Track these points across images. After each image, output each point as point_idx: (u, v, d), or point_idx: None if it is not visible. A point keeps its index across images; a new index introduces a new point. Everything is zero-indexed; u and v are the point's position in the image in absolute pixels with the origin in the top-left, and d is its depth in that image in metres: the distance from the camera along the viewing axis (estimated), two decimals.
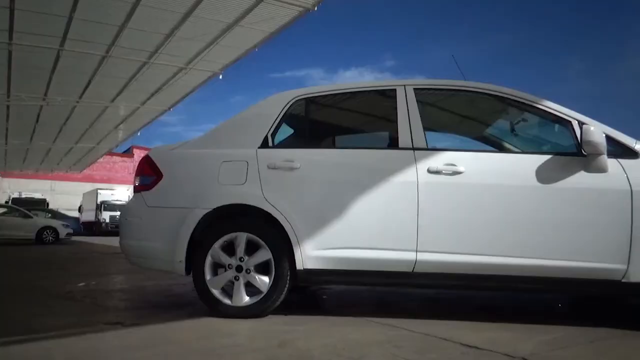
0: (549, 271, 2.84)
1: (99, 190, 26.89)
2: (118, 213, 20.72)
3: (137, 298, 4.25)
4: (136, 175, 3.53)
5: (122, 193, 27.47)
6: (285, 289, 3.09)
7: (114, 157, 34.58)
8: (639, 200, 2.75)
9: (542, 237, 2.86)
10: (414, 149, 3.09)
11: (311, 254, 3.04)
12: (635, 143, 2.92)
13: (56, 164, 24.18)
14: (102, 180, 33.44)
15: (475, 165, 3.01)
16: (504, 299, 4.05)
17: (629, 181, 2.79)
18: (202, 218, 3.17)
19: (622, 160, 2.86)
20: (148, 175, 3.42)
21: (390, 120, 3.29)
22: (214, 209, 3.18)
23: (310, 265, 3.04)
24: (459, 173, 2.97)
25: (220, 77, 10.88)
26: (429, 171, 3.00)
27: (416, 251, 2.94)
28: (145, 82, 11.35)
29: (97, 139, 18.15)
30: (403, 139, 3.14)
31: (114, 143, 19.78)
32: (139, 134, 17.37)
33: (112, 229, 22.56)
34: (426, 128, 3.18)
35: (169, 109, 13.78)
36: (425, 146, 3.10)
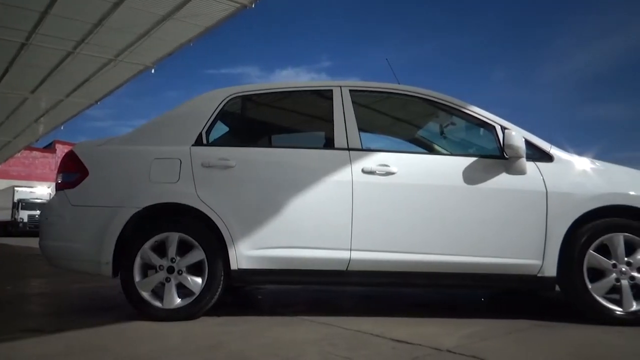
0: (474, 268, 3.00)
1: (16, 188, 25.11)
2: (38, 212, 19.49)
3: (59, 303, 4.00)
4: (59, 172, 3.33)
5: (42, 191, 25.86)
6: (219, 289, 3.04)
7: (34, 152, 32.30)
8: (553, 201, 2.98)
9: (467, 235, 3.02)
10: (349, 149, 3.15)
11: (246, 253, 3.01)
12: (551, 147, 3.16)
13: None
14: (19, 177, 31.15)
15: (407, 166, 3.11)
16: (433, 295, 4.23)
17: (544, 183, 3.02)
18: (131, 217, 3.05)
19: (539, 164, 3.08)
20: (72, 172, 3.24)
21: (326, 121, 3.33)
22: (145, 207, 3.06)
23: (244, 265, 3.02)
24: (392, 173, 3.07)
25: (153, 71, 10.47)
26: (364, 171, 3.07)
27: (350, 250, 3.00)
28: (70, 73, 10.67)
29: (15, 132, 16.83)
30: (339, 139, 3.19)
31: (33, 137, 18.43)
32: (62, 128, 16.28)
33: (31, 229, 21.17)
34: (361, 129, 3.25)
35: (96, 102, 13.04)
36: (360, 147, 3.17)
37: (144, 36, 8.87)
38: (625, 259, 2.92)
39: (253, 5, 7.63)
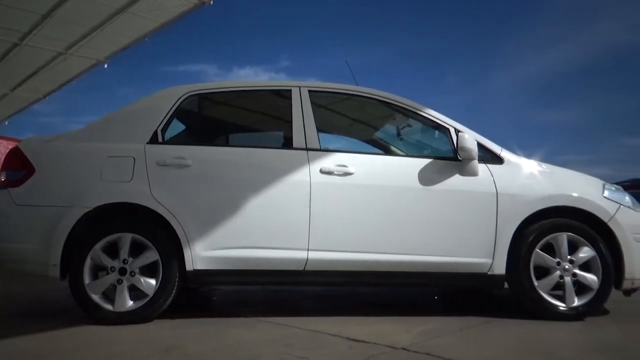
0: (428, 267, 3.07)
1: None
2: None
3: (2, 307, 3.80)
4: (2, 169, 3.17)
5: None
6: (174, 291, 2.98)
7: None
8: (503, 202, 3.09)
9: (422, 235, 3.09)
10: (307, 149, 3.16)
11: (201, 254, 2.97)
12: (501, 150, 3.28)
13: None
14: None
15: (365, 167, 3.15)
16: (388, 294, 4.30)
17: (495, 184, 3.13)
18: (81, 218, 2.94)
19: (490, 166, 3.19)
20: (17, 169, 3.09)
21: (284, 120, 3.33)
22: (96, 207, 2.96)
23: (200, 266, 2.97)
24: (350, 174, 3.10)
25: (106, 66, 10.13)
26: (322, 171, 3.09)
27: (307, 250, 3.01)
28: (16, 65, 10.15)
29: None
30: (297, 139, 3.19)
31: None
32: (6, 123, 15.52)
33: None
34: (320, 129, 3.26)
35: (44, 97, 12.49)
36: (318, 147, 3.18)
37: (96, 29, 8.56)
38: (569, 257, 3.07)
39: (212, 2, 7.54)
